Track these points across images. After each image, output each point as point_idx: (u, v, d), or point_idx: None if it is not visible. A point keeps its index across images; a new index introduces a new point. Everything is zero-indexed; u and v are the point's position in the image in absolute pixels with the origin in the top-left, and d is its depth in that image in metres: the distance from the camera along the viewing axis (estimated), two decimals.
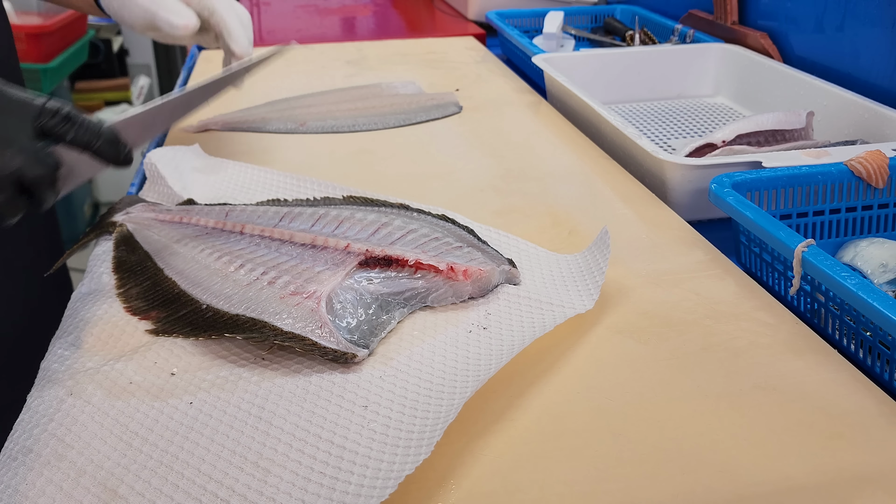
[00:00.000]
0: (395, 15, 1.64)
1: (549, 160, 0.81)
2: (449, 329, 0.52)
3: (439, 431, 0.41)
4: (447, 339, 0.51)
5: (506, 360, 0.48)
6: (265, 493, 0.39)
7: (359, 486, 0.39)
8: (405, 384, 0.47)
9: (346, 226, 0.59)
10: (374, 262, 0.55)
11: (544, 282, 0.56)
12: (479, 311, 0.53)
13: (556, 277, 0.57)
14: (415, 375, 0.47)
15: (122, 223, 0.66)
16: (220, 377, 0.48)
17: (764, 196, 0.64)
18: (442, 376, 0.47)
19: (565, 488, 0.40)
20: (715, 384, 0.47)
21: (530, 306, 0.54)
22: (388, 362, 0.49)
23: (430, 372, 0.47)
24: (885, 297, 0.47)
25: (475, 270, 0.54)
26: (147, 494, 0.39)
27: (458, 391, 0.45)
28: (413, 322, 0.53)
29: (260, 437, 0.43)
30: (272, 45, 1.29)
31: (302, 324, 0.49)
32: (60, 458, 0.42)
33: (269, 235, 0.60)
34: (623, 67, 1.09)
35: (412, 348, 0.50)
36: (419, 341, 0.51)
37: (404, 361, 0.49)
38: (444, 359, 0.49)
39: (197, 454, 0.42)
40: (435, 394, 0.45)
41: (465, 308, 0.54)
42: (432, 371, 0.48)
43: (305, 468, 0.40)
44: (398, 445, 0.41)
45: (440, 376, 0.47)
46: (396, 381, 0.47)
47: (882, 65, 0.88)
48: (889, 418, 0.44)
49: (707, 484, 0.40)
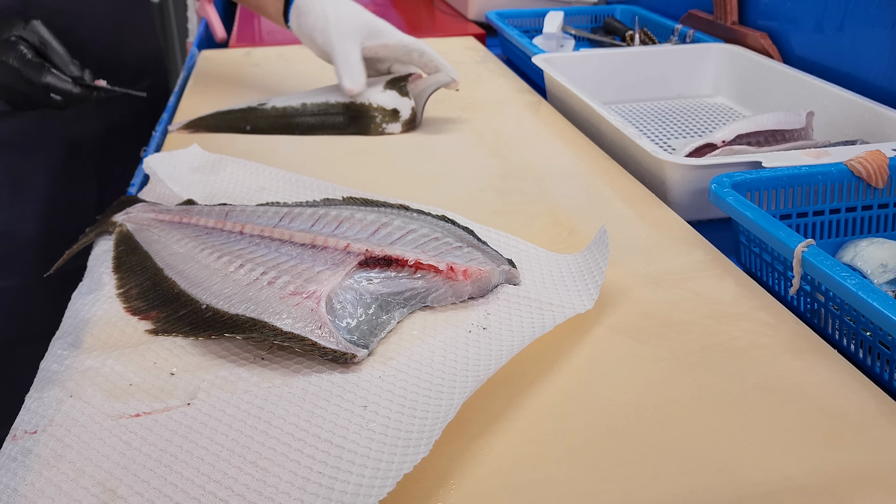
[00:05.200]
0: (395, 15, 1.64)
1: (549, 160, 0.81)
2: (449, 329, 0.52)
3: (438, 431, 0.41)
4: (447, 339, 0.51)
5: (505, 361, 0.47)
6: (264, 492, 0.39)
7: (357, 486, 0.39)
8: (405, 384, 0.47)
9: (346, 226, 0.59)
10: (373, 262, 0.55)
11: (544, 282, 0.56)
12: (478, 312, 0.53)
13: (556, 278, 0.57)
14: (414, 375, 0.47)
15: (121, 223, 0.66)
16: (220, 377, 0.48)
17: (764, 196, 0.64)
18: (441, 376, 0.47)
19: (565, 488, 0.40)
20: (715, 384, 0.47)
21: (530, 306, 0.54)
22: (387, 362, 0.49)
23: (430, 372, 0.47)
24: (885, 297, 0.47)
25: (475, 270, 0.54)
26: (146, 494, 0.39)
27: (457, 391, 0.45)
28: (413, 322, 0.53)
29: (259, 437, 0.43)
30: (272, 46, 1.29)
31: (302, 324, 0.49)
32: (60, 458, 0.42)
33: (268, 235, 0.60)
34: (623, 67, 1.09)
35: (412, 348, 0.50)
36: (419, 341, 0.51)
37: (404, 361, 0.49)
38: (444, 359, 0.49)
39: (196, 454, 0.42)
40: (434, 393, 0.45)
41: (465, 308, 0.54)
42: (432, 371, 0.48)
43: (304, 468, 0.40)
44: (397, 445, 0.41)
45: (440, 376, 0.47)
46: (396, 382, 0.47)
47: (882, 65, 0.88)
48: (889, 418, 0.44)
49: (707, 484, 0.40)
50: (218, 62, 1.20)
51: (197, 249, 0.60)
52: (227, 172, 0.77)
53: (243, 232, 0.61)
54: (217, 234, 0.62)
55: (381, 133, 0.90)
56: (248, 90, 1.06)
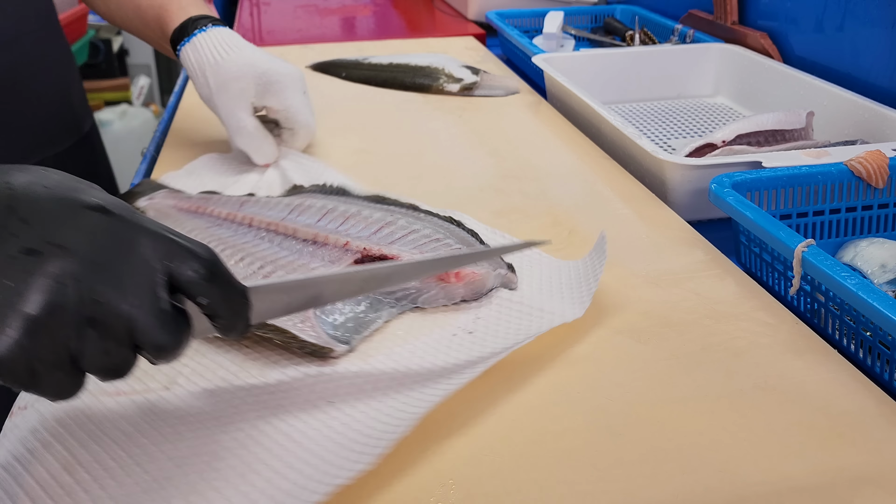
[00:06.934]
0: (395, 15, 1.64)
1: (549, 160, 0.81)
2: (435, 331, 0.51)
3: (394, 440, 0.41)
4: (430, 341, 0.50)
5: (484, 368, 0.47)
6: (213, 483, 0.39)
7: (293, 485, 0.39)
8: (376, 384, 0.46)
9: (351, 223, 0.60)
10: (370, 261, 0.55)
11: (541, 288, 0.56)
12: (469, 315, 0.53)
13: (554, 284, 0.56)
14: (389, 376, 0.47)
15: (143, 209, 0.67)
16: (202, 364, 0.48)
17: (764, 196, 0.64)
18: (415, 379, 0.47)
19: (565, 488, 0.40)
20: (715, 384, 0.47)
21: (521, 312, 0.53)
22: (366, 360, 0.49)
23: (406, 374, 0.47)
24: (885, 297, 0.47)
25: (468, 273, 0.54)
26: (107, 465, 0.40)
27: (426, 398, 0.45)
28: (401, 322, 0.53)
29: (222, 426, 0.43)
30: (273, 46, 1.29)
31: (285, 317, 0.50)
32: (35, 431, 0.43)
33: (274, 229, 0.60)
34: (623, 67, 1.09)
35: (393, 348, 0.50)
36: (402, 342, 0.50)
37: (382, 360, 0.49)
38: (422, 361, 0.48)
39: (163, 435, 0.43)
40: (402, 397, 0.45)
41: (456, 311, 0.54)
42: (407, 373, 0.47)
43: (256, 459, 0.41)
44: (352, 449, 0.41)
45: (414, 379, 0.47)
46: (368, 380, 0.47)
47: (882, 65, 0.88)
48: (889, 418, 0.44)
49: (707, 484, 0.40)
50: None
51: (204, 241, 0.61)
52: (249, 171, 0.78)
53: (252, 225, 0.62)
54: (227, 227, 0.63)
55: (441, 92, 1.04)
56: None
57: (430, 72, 1.07)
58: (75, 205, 0.34)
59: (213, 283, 0.36)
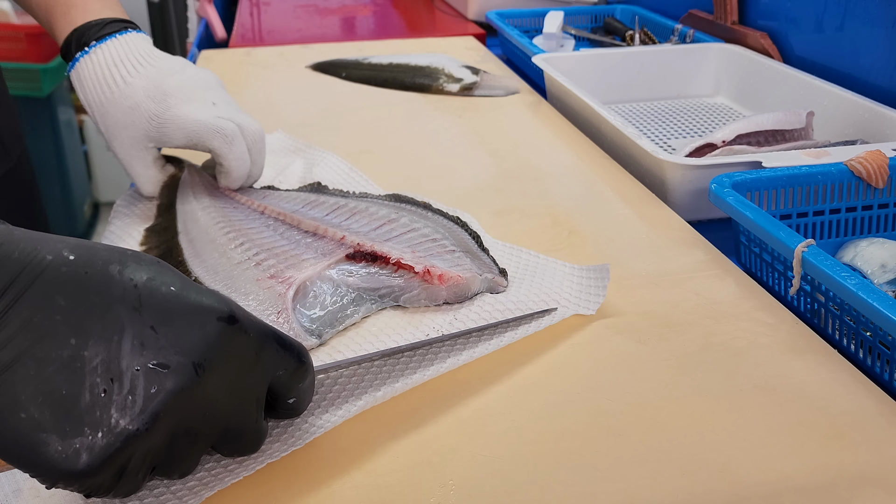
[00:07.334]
0: (395, 15, 1.64)
1: (549, 160, 0.81)
2: (408, 331, 0.51)
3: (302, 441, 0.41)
4: (399, 340, 0.50)
5: (445, 370, 0.47)
6: None
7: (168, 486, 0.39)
8: (335, 378, 0.46)
9: (356, 218, 0.60)
10: (360, 256, 0.55)
11: (528, 296, 0.54)
12: (447, 317, 0.52)
13: (544, 290, 0.55)
14: (350, 370, 0.47)
15: (183, 169, 0.71)
16: None
17: (764, 196, 0.64)
18: (373, 377, 0.46)
19: (565, 488, 0.40)
20: (715, 384, 0.47)
21: (497, 318, 0.52)
22: (333, 355, 0.49)
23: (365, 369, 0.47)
24: (885, 297, 0.47)
25: (452, 276, 0.53)
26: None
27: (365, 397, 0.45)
28: (377, 319, 0.53)
29: None
30: (273, 46, 1.29)
31: (263, 307, 0.50)
32: None
33: (282, 219, 0.61)
34: (623, 67, 1.09)
35: (363, 345, 0.50)
36: (373, 338, 0.50)
37: (349, 356, 0.48)
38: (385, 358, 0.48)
39: None
40: (345, 395, 0.45)
41: (435, 312, 0.53)
42: (366, 369, 0.47)
43: None
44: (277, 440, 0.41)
45: (370, 378, 0.46)
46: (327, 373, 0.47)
47: (882, 65, 0.88)
48: (889, 418, 0.44)
49: (707, 484, 0.40)
50: (218, 62, 1.20)
51: (213, 221, 0.62)
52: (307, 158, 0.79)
53: (264, 213, 0.63)
54: (241, 210, 0.64)
55: (441, 92, 1.04)
56: (248, 90, 1.06)
57: (430, 72, 1.07)
58: (204, 312, 0.34)
59: (304, 384, 0.39)
